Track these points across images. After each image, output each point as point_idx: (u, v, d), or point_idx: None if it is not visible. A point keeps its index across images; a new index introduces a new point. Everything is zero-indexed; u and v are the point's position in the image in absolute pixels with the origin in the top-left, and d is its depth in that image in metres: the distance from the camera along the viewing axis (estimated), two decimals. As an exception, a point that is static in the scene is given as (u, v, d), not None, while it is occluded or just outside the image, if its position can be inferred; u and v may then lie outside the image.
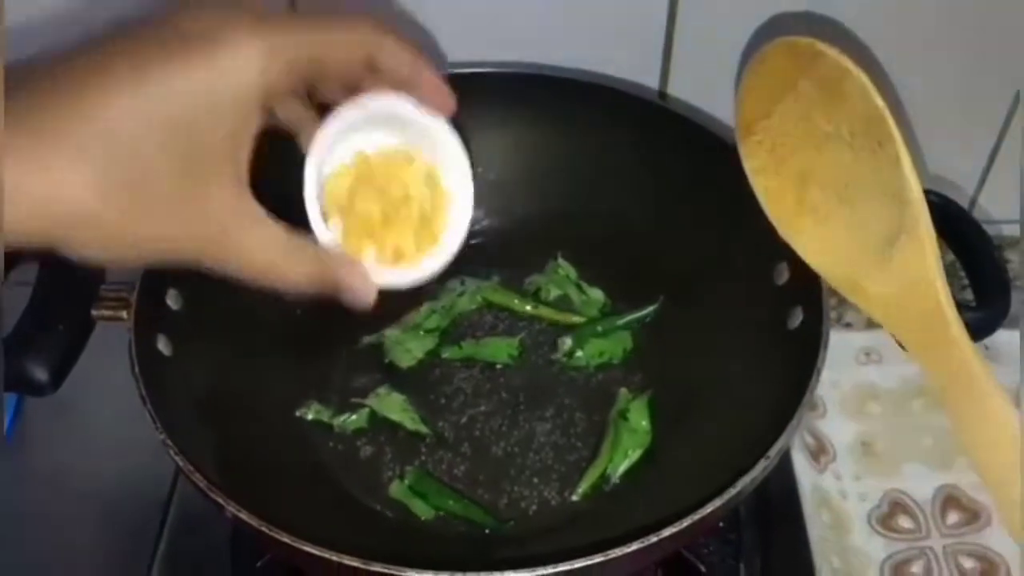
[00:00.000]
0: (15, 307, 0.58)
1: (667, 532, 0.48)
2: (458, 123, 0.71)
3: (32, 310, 0.58)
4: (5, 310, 0.57)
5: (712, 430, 0.62)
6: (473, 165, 0.54)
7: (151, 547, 0.65)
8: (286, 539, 0.49)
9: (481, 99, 0.70)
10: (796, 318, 0.61)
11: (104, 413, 0.69)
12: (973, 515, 0.69)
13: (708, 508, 0.49)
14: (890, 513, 0.69)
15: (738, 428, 0.58)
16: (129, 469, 0.68)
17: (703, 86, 0.75)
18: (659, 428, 0.65)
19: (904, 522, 0.69)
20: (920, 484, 0.70)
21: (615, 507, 0.62)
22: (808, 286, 0.59)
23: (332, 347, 0.70)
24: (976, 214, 0.81)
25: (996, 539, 0.67)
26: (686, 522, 0.49)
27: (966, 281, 0.62)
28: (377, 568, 0.47)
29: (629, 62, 0.74)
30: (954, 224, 0.61)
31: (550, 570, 0.47)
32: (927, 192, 0.63)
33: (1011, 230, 0.83)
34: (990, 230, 0.79)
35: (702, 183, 0.67)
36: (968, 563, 0.67)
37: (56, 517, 0.66)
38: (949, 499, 0.70)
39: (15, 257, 0.61)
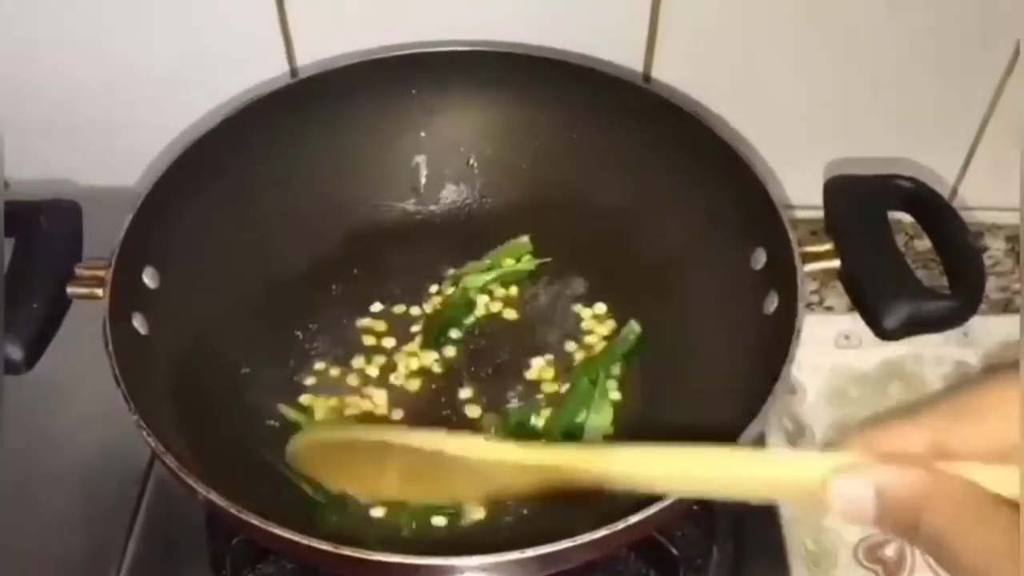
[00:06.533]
0: (-12, 284, 0.58)
1: (634, 519, 0.48)
2: (443, 102, 0.73)
3: (6, 287, 0.58)
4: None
5: (687, 414, 0.62)
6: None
7: (128, 523, 0.65)
8: (256, 522, 0.49)
9: (467, 78, 0.71)
10: (772, 303, 0.60)
11: (81, 391, 0.68)
12: (948, 499, 0.69)
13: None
14: (865, 496, 0.70)
15: (713, 413, 0.58)
16: (106, 446, 0.68)
17: (688, 70, 0.74)
18: (634, 411, 0.66)
19: (879, 505, 0.69)
20: (896, 468, 0.71)
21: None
22: (784, 272, 0.59)
23: (313, 327, 0.70)
24: (956, 203, 0.82)
25: (969, 524, 0.68)
26: (653, 508, 0.48)
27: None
28: (346, 552, 0.47)
29: (614, 44, 0.73)
30: (930, 211, 0.61)
31: (516, 556, 0.47)
32: (903, 178, 0.63)
33: (991, 217, 0.83)
34: (971, 216, 0.80)
35: (683, 168, 0.67)
36: (941, 547, 0.67)
37: (33, 494, 0.66)
38: (925, 483, 0.70)
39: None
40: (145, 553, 0.64)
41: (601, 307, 0.71)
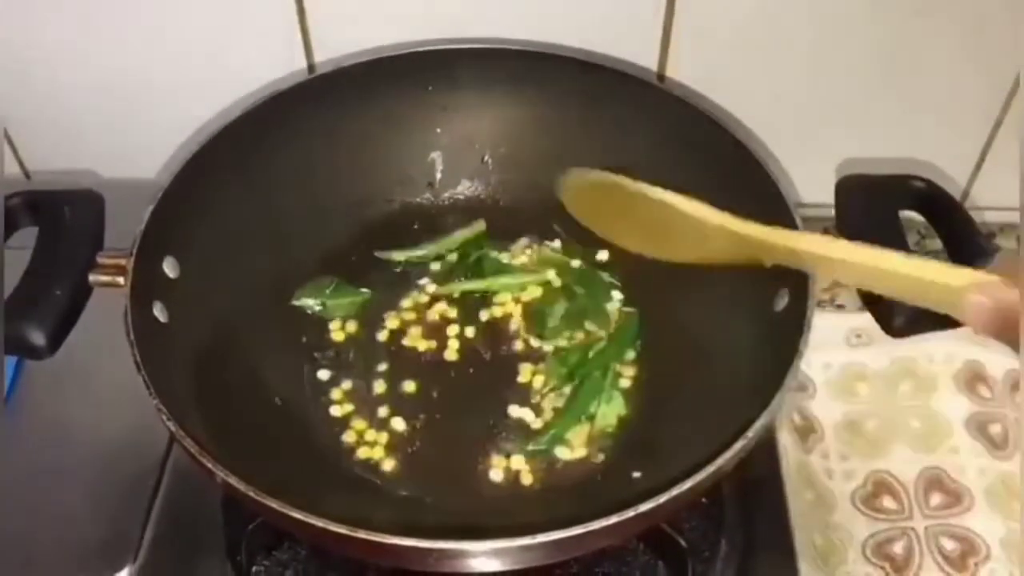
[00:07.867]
0: (14, 272, 0.59)
1: (644, 507, 0.49)
2: (459, 99, 0.74)
3: (30, 275, 0.59)
4: (4, 275, 0.57)
5: (697, 408, 0.63)
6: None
7: (145, 509, 0.66)
8: (273, 504, 0.50)
9: (483, 76, 0.72)
10: (782, 300, 0.61)
11: (102, 377, 0.69)
12: (956, 497, 0.70)
13: (686, 484, 0.50)
14: (874, 493, 0.70)
15: (723, 406, 0.59)
16: (126, 431, 0.68)
17: (701, 69, 0.75)
18: (644, 403, 0.67)
19: (888, 502, 0.70)
20: (905, 465, 0.71)
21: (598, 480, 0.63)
22: (795, 269, 0.59)
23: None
24: (968, 203, 0.82)
25: (977, 521, 0.68)
26: (663, 497, 0.49)
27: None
28: (362, 535, 0.48)
29: (628, 43, 0.74)
30: (942, 211, 0.62)
31: (527, 541, 0.48)
32: (915, 178, 0.64)
33: (1003, 217, 0.83)
34: (981, 217, 0.81)
35: (695, 165, 0.68)
36: (949, 544, 0.68)
37: (55, 478, 0.67)
38: (933, 481, 0.70)
39: (14, 222, 0.62)
40: (162, 539, 0.65)
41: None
